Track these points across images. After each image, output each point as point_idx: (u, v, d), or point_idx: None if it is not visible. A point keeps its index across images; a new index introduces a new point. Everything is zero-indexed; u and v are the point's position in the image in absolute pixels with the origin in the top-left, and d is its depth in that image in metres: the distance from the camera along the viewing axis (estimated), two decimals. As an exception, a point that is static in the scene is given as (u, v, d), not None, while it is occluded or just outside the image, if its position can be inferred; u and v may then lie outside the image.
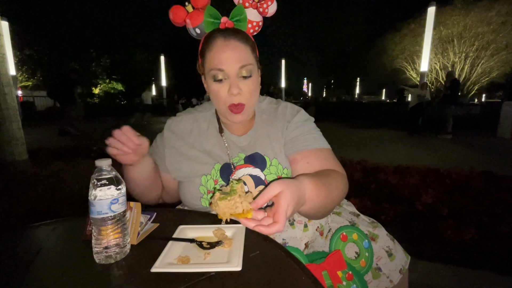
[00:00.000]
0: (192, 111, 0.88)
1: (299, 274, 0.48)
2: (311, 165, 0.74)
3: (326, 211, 0.68)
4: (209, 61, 0.73)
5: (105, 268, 0.51)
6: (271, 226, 0.52)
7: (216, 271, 0.48)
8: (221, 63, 0.70)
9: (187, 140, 0.83)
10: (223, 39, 0.71)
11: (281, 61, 21.65)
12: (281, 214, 0.51)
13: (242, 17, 0.74)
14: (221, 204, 0.55)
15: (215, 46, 0.71)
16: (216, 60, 0.71)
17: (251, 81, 0.74)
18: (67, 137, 6.61)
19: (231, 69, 0.71)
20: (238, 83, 0.72)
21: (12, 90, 4.18)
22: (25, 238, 0.65)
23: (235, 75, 0.71)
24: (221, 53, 0.70)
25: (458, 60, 17.68)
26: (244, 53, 0.72)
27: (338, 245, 0.73)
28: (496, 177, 2.98)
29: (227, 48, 0.70)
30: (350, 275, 0.66)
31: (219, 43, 0.71)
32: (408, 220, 2.08)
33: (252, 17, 0.76)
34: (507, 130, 6.81)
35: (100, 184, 0.52)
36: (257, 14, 0.76)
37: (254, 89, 0.76)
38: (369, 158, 3.81)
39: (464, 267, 1.56)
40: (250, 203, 0.55)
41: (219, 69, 0.71)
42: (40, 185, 2.92)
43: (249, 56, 0.73)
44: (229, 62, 0.70)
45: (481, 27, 16.07)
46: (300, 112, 0.84)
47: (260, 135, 0.82)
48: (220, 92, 0.73)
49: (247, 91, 0.73)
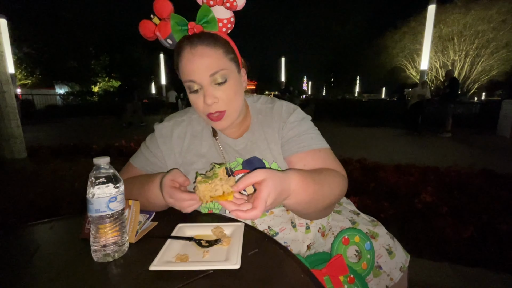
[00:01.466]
0: (183, 113, 0.84)
1: (297, 271, 0.48)
2: (308, 167, 0.72)
3: (318, 209, 0.65)
4: (181, 73, 0.70)
5: (103, 267, 0.51)
6: (248, 211, 0.51)
7: (215, 269, 0.48)
8: (191, 73, 0.67)
9: (182, 144, 0.79)
10: (189, 47, 0.67)
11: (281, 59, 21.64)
12: (260, 201, 0.50)
13: (209, 17, 0.68)
14: (200, 187, 0.54)
15: (183, 57, 0.68)
16: (186, 71, 0.68)
17: (228, 86, 0.69)
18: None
19: (202, 79, 0.67)
20: (213, 91, 0.68)
21: (11, 88, 4.17)
22: (23, 237, 0.65)
23: (208, 84, 0.68)
24: (189, 63, 0.67)
25: (458, 58, 17.67)
26: (213, 59, 0.67)
27: (340, 249, 0.72)
28: (495, 176, 2.98)
29: (194, 57, 0.66)
30: (351, 279, 0.66)
31: (186, 53, 0.67)
32: (407, 218, 2.09)
33: (221, 15, 0.70)
34: (506, 128, 6.82)
35: (98, 182, 0.52)
36: (224, 10, 0.71)
37: (234, 93, 0.71)
38: (369, 157, 3.81)
39: (463, 265, 1.56)
40: (231, 186, 0.55)
41: (190, 80, 0.68)
42: (39, 183, 2.92)
43: (220, 60, 0.68)
44: (198, 72, 0.66)
45: (481, 25, 16.04)
46: (296, 110, 0.81)
47: (257, 137, 0.79)
48: (197, 102, 0.70)
49: (224, 97, 0.69)
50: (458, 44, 17.25)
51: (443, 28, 17.02)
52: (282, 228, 0.76)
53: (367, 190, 2.61)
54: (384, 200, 2.35)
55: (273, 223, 0.76)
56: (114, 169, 0.55)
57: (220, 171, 0.56)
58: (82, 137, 6.02)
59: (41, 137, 6.61)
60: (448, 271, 1.52)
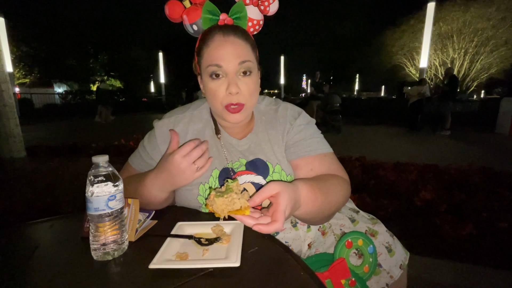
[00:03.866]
0: (184, 109, 0.82)
1: (297, 269, 0.48)
2: (314, 171, 0.72)
3: (324, 217, 0.66)
4: (206, 58, 0.69)
5: (103, 265, 0.51)
6: (270, 225, 0.51)
7: (215, 267, 0.48)
8: (219, 58, 0.67)
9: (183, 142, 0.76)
10: (221, 34, 0.67)
11: (280, 57, 21.60)
12: (280, 213, 0.50)
13: (242, 14, 0.70)
14: (218, 201, 0.53)
15: (213, 42, 0.67)
16: (214, 55, 0.67)
17: (251, 80, 0.70)
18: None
19: (230, 65, 0.67)
20: (237, 81, 0.68)
21: (9, 87, 4.15)
22: (23, 236, 0.65)
23: (234, 72, 0.67)
24: (219, 48, 0.67)
25: (458, 56, 17.65)
26: (243, 49, 0.68)
27: (343, 252, 0.72)
28: (494, 173, 2.98)
29: (226, 43, 0.67)
30: (353, 282, 0.66)
31: (218, 39, 0.67)
32: (407, 216, 2.09)
33: (252, 15, 0.73)
34: (505, 126, 6.83)
35: (97, 181, 0.52)
36: (258, 12, 0.73)
37: (254, 89, 0.71)
38: (368, 155, 3.81)
39: (462, 263, 1.57)
40: (247, 201, 0.54)
41: (216, 65, 0.67)
42: (38, 182, 2.92)
43: (249, 53, 0.69)
44: (227, 58, 0.66)
45: (480, 23, 16.02)
46: (301, 114, 0.80)
47: (261, 138, 0.78)
48: (218, 90, 0.69)
49: (246, 90, 0.69)
50: (458, 42, 17.23)
51: (443, 25, 16.99)
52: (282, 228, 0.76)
53: (367, 188, 2.61)
54: (383, 198, 2.35)
55: None
56: (113, 167, 0.55)
57: (234, 185, 0.56)
58: (81, 136, 6.01)
59: (40, 136, 6.59)
60: (448, 268, 1.53)
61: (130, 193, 0.72)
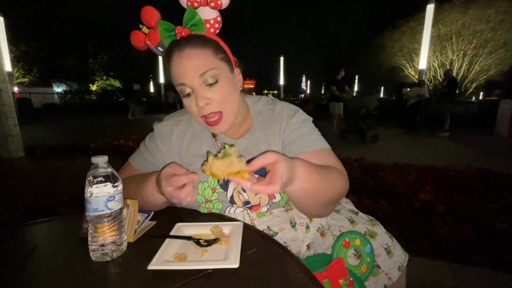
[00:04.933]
0: (183, 112, 0.82)
1: (296, 270, 0.48)
2: None
3: (320, 203, 0.65)
4: (172, 78, 0.69)
5: (101, 266, 0.51)
6: (268, 186, 0.50)
7: (214, 268, 0.48)
8: (180, 77, 0.66)
9: (182, 144, 0.78)
10: (177, 51, 0.66)
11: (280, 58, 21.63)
12: (277, 177, 0.50)
13: (196, 19, 0.67)
14: (217, 163, 0.52)
15: (172, 62, 0.67)
16: (176, 75, 0.67)
17: (220, 87, 0.68)
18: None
19: (192, 80, 0.66)
20: (204, 93, 0.67)
21: (8, 87, 4.14)
22: (20, 236, 0.64)
23: (199, 85, 0.66)
24: (178, 67, 0.66)
25: (456, 58, 17.74)
26: (201, 59, 0.66)
27: (341, 252, 0.72)
28: (493, 175, 2.99)
29: (181, 59, 0.66)
30: (351, 282, 0.66)
31: (175, 57, 0.67)
32: (405, 217, 2.09)
33: (207, 16, 0.69)
34: (504, 128, 6.86)
35: (96, 181, 0.52)
36: (210, 10, 0.69)
37: (227, 93, 0.69)
38: (367, 156, 3.82)
39: (461, 264, 1.57)
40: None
41: (181, 84, 0.67)
42: (37, 183, 2.91)
43: (209, 60, 0.67)
44: (187, 73, 0.66)
45: (479, 25, 16.11)
46: (298, 112, 0.80)
47: (258, 138, 0.78)
48: (191, 106, 0.69)
49: (217, 98, 0.68)
50: (457, 43, 17.32)
51: (442, 27, 17.08)
52: (281, 228, 0.76)
53: (366, 189, 2.61)
54: (382, 199, 2.35)
55: (272, 223, 0.76)
56: (112, 168, 0.55)
57: (232, 151, 0.55)
58: (80, 136, 6.00)
59: (39, 136, 6.57)
60: (446, 270, 1.53)
61: (131, 193, 0.72)
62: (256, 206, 0.76)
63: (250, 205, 0.75)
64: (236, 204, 0.75)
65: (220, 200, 0.75)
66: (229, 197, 0.75)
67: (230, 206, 0.75)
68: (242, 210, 0.76)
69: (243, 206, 0.75)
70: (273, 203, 0.76)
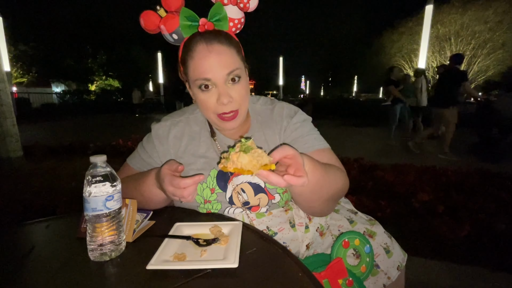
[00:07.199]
0: (181, 113, 0.82)
1: (296, 270, 0.48)
2: None
3: (322, 200, 0.65)
4: (192, 70, 0.66)
5: (100, 266, 0.51)
6: (299, 177, 0.49)
7: (213, 268, 0.48)
8: (206, 71, 0.64)
9: (180, 145, 0.78)
10: (205, 44, 0.64)
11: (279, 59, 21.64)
12: (302, 170, 0.50)
13: (222, 16, 0.66)
14: (247, 157, 0.48)
15: (197, 53, 0.65)
16: (200, 68, 0.64)
17: (241, 86, 0.68)
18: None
19: (218, 77, 0.65)
20: (228, 90, 0.66)
21: (7, 87, 4.13)
22: (19, 236, 0.64)
23: (223, 82, 0.66)
24: (204, 60, 0.64)
25: (455, 59, 17.76)
26: (229, 57, 0.65)
27: (340, 252, 0.72)
28: (491, 175, 3.00)
29: (210, 54, 0.64)
30: (350, 282, 0.66)
31: (201, 50, 0.64)
32: (404, 217, 2.10)
33: (232, 15, 0.68)
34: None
35: (95, 181, 0.52)
36: (237, 10, 0.69)
37: (245, 93, 0.70)
38: (366, 156, 3.82)
39: (459, 264, 1.57)
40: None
41: (204, 79, 0.65)
42: (35, 182, 2.90)
43: (235, 59, 0.67)
44: (215, 70, 0.64)
45: (478, 25, 16.17)
46: (298, 112, 0.80)
47: (257, 138, 0.78)
48: (209, 101, 0.67)
49: (238, 97, 0.68)
50: (455, 44, 17.37)
51: (440, 28, 17.13)
52: (280, 228, 0.76)
53: (365, 189, 2.62)
54: (381, 199, 2.36)
55: (271, 223, 0.76)
56: (111, 167, 0.55)
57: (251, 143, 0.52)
58: (79, 136, 5.99)
59: (37, 135, 6.55)
60: (445, 269, 1.53)
61: (130, 191, 0.72)
62: (256, 207, 0.76)
63: (249, 205, 0.75)
64: (235, 204, 0.75)
65: (219, 201, 0.74)
66: (228, 197, 0.75)
67: (229, 206, 0.75)
68: (241, 211, 0.75)
69: (242, 206, 0.75)
70: (272, 203, 0.76)
